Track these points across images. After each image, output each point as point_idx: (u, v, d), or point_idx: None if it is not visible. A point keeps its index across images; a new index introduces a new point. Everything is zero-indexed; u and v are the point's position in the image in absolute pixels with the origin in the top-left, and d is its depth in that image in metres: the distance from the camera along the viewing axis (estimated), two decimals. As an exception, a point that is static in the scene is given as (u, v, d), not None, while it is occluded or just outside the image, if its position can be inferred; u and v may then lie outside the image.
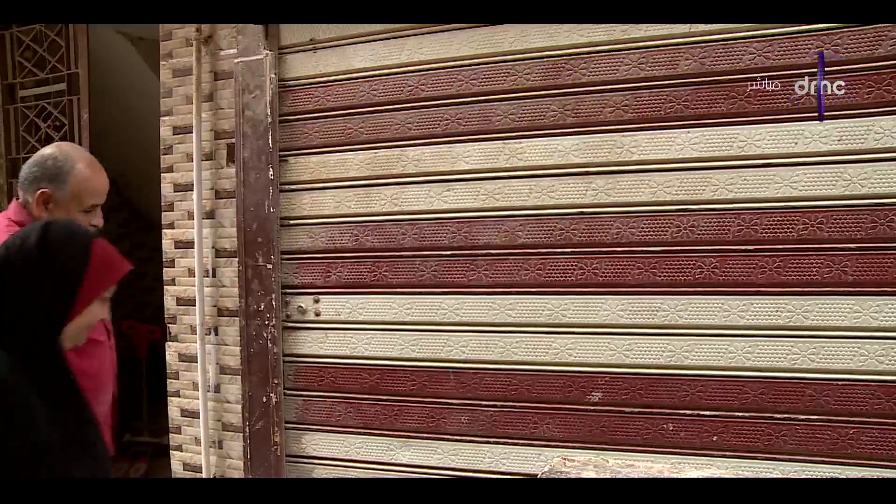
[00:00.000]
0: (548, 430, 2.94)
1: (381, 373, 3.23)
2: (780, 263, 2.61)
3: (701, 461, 2.71)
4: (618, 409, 2.85)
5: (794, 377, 2.62)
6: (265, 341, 3.38)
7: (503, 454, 3.01)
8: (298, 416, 3.41)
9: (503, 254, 3.00)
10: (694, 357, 2.73)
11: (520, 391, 2.99)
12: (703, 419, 2.72)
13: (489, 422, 3.03)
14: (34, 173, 2.28)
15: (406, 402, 3.17)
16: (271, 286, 3.37)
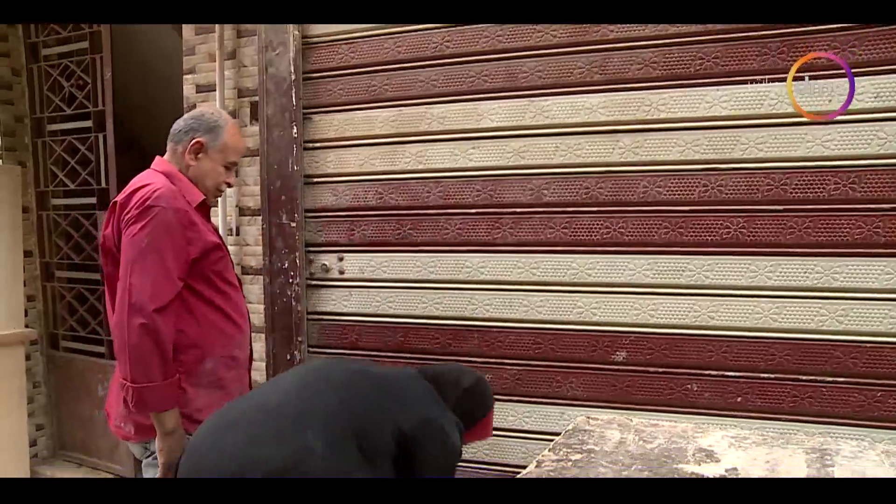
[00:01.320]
0: (571, 389, 2.94)
1: (404, 331, 3.23)
2: (810, 224, 2.57)
3: (725, 422, 2.70)
4: (642, 369, 2.84)
5: (822, 339, 2.59)
6: (289, 299, 3.39)
7: (526, 413, 3.02)
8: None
9: (528, 212, 2.98)
10: (720, 318, 2.71)
11: (544, 350, 2.98)
12: (728, 380, 2.71)
13: (513, 380, 3.03)
14: (190, 125, 2.54)
15: (430, 359, 3.18)
16: (295, 244, 3.37)
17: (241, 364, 2.60)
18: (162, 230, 2.30)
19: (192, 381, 2.42)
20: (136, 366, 2.26)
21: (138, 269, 2.28)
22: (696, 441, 2.16)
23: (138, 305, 2.25)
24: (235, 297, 2.57)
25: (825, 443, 2.12)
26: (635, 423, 2.35)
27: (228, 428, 2.03)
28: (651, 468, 1.90)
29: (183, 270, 2.35)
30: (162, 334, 2.27)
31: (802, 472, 1.85)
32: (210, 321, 2.45)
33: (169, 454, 2.36)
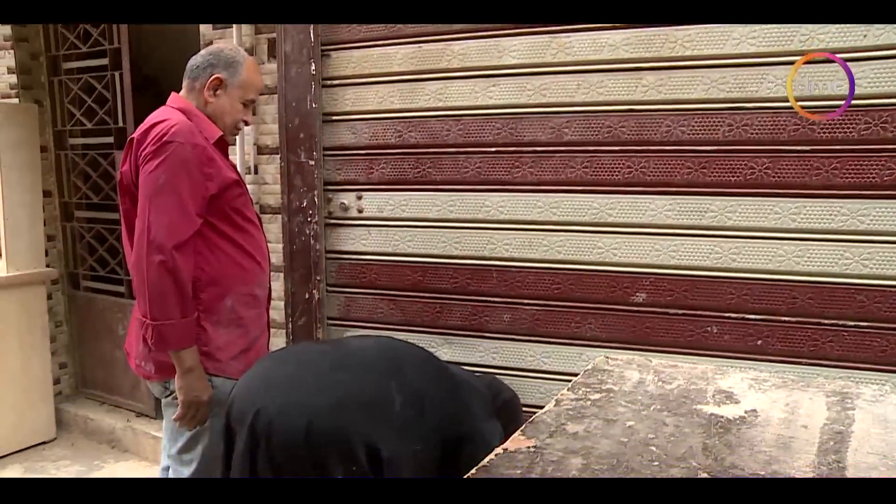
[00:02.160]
0: (590, 330, 2.94)
1: (423, 270, 3.23)
2: (837, 165, 2.52)
3: (744, 365, 2.69)
4: (661, 311, 2.83)
5: (845, 283, 2.56)
6: (307, 238, 3.39)
7: (544, 353, 3.03)
8: (341, 313, 3.45)
9: (549, 151, 2.94)
10: (741, 260, 2.68)
11: (563, 290, 2.98)
12: (748, 323, 2.70)
13: (531, 320, 3.03)
14: (209, 60, 2.54)
15: (448, 299, 3.19)
16: (314, 182, 3.36)
17: (261, 303, 2.61)
18: (179, 166, 2.29)
19: (211, 319, 2.44)
20: (155, 303, 2.28)
21: (156, 206, 2.28)
22: (715, 382, 2.15)
23: (157, 243, 2.26)
24: (256, 235, 2.57)
25: (846, 386, 2.10)
26: (655, 364, 2.34)
27: (301, 364, 2.07)
28: (670, 408, 1.90)
29: (201, 207, 2.35)
30: (181, 272, 2.28)
31: (823, 414, 1.85)
32: (229, 259, 2.46)
33: (188, 392, 2.38)
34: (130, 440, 4.46)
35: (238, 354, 2.52)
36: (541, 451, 1.63)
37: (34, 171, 4.55)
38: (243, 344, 2.52)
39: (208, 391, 2.42)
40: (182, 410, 2.41)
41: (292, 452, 1.92)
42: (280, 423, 1.95)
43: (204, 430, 2.48)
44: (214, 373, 2.46)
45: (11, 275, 4.39)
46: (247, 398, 2.07)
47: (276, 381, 2.06)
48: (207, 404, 2.43)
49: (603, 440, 1.70)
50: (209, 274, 2.42)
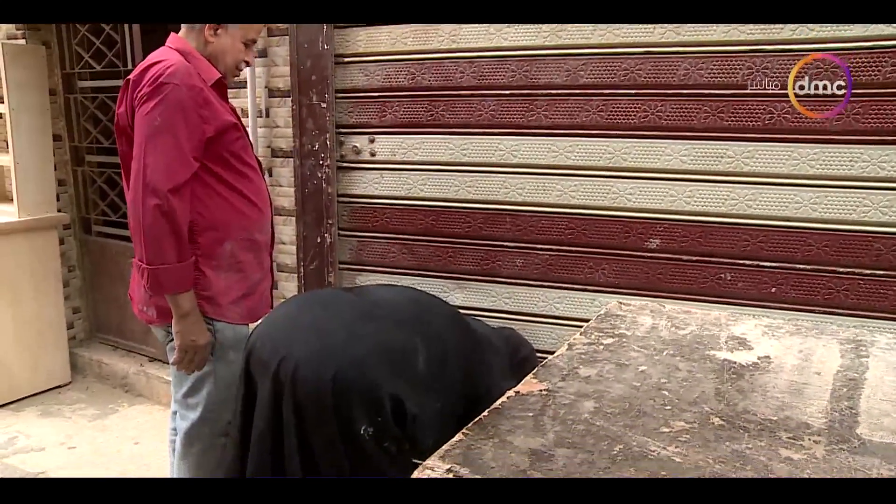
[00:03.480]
0: (603, 276, 2.94)
1: (436, 214, 3.23)
2: (860, 109, 2.48)
3: (758, 311, 2.68)
4: (675, 257, 2.82)
5: (863, 230, 2.54)
6: (319, 181, 3.39)
7: (557, 298, 3.03)
8: (353, 257, 3.47)
9: (564, 94, 2.91)
10: (757, 206, 2.67)
11: (576, 235, 2.97)
12: (763, 270, 2.69)
13: (544, 265, 3.04)
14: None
15: (461, 244, 3.19)
16: (325, 125, 3.34)
17: (261, 247, 2.61)
18: (175, 108, 2.26)
19: (210, 263, 2.44)
20: (151, 247, 2.27)
21: (152, 148, 2.26)
22: (728, 329, 2.15)
23: (152, 186, 2.24)
24: (255, 180, 2.55)
25: (860, 334, 2.11)
26: (668, 310, 2.35)
27: (337, 301, 2.08)
28: (683, 354, 1.91)
29: (198, 150, 2.33)
30: (176, 215, 2.27)
31: (836, 362, 1.85)
32: (227, 203, 2.45)
33: (184, 337, 2.39)
34: (143, 384, 4.53)
35: (238, 299, 2.52)
36: (553, 395, 1.65)
37: (43, 115, 4.54)
38: (243, 289, 2.53)
39: (205, 336, 2.43)
40: (179, 355, 2.43)
41: (318, 401, 1.93)
42: (307, 371, 1.95)
43: (208, 374, 2.50)
44: (214, 317, 2.46)
45: (23, 219, 4.42)
46: (269, 345, 2.08)
47: (302, 327, 2.06)
48: (205, 349, 2.44)
49: (615, 384, 1.71)
50: (207, 219, 2.41)
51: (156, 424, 4.08)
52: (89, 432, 4.00)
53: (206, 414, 2.51)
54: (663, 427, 1.47)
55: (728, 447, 1.38)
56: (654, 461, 1.32)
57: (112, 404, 4.40)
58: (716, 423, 1.49)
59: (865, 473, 1.28)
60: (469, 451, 1.36)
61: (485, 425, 1.47)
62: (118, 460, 3.67)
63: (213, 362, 2.49)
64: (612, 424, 1.48)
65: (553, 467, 1.29)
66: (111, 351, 4.90)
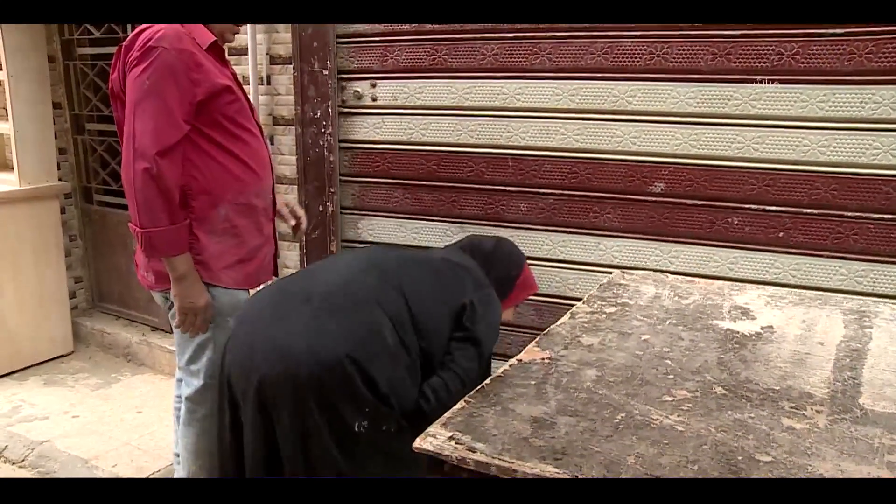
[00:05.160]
0: (608, 221, 2.92)
1: (438, 159, 3.20)
2: (873, 49, 2.42)
3: (765, 256, 2.69)
4: (681, 201, 2.80)
5: (872, 174, 2.50)
6: (321, 150, 3.35)
7: (562, 242, 3.03)
8: (355, 202, 3.46)
9: (568, 37, 2.86)
10: (764, 149, 2.63)
11: (580, 179, 2.95)
12: (770, 214, 2.67)
13: (548, 210, 3.02)
14: None
15: (464, 188, 3.18)
16: (328, 93, 3.30)
17: (260, 212, 2.58)
18: (164, 71, 2.24)
19: (204, 227, 2.43)
20: (143, 210, 2.28)
21: (140, 112, 2.25)
22: (731, 298, 2.14)
23: (141, 150, 2.24)
24: (253, 144, 2.51)
25: (864, 305, 2.09)
26: (671, 279, 2.32)
27: (289, 303, 2.06)
28: (686, 323, 1.89)
29: (188, 113, 2.30)
30: (166, 178, 2.26)
31: (840, 332, 1.84)
32: (221, 166, 2.42)
33: (183, 299, 2.40)
34: (146, 354, 4.55)
35: (234, 264, 2.51)
36: (555, 363, 1.65)
37: (43, 82, 4.47)
38: (239, 254, 2.51)
39: (204, 297, 2.43)
40: (180, 317, 2.44)
41: (305, 418, 1.93)
42: (284, 392, 1.94)
43: (208, 339, 2.51)
44: (209, 281, 2.46)
45: (24, 188, 4.39)
46: (241, 372, 2.06)
47: (262, 343, 2.02)
48: (205, 310, 2.44)
49: (618, 353, 1.71)
50: (200, 182, 2.39)
51: (158, 393, 4.11)
52: (92, 401, 4.03)
53: (208, 380, 2.53)
54: (665, 396, 1.48)
55: (730, 416, 1.39)
56: (657, 429, 1.34)
57: (115, 373, 4.43)
58: (718, 393, 1.49)
59: (868, 443, 1.28)
60: (471, 418, 1.38)
61: (487, 393, 1.49)
62: (122, 428, 3.70)
63: (211, 328, 2.49)
64: (614, 393, 1.50)
65: (555, 435, 1.31)
66: (113, 320, 4.91)
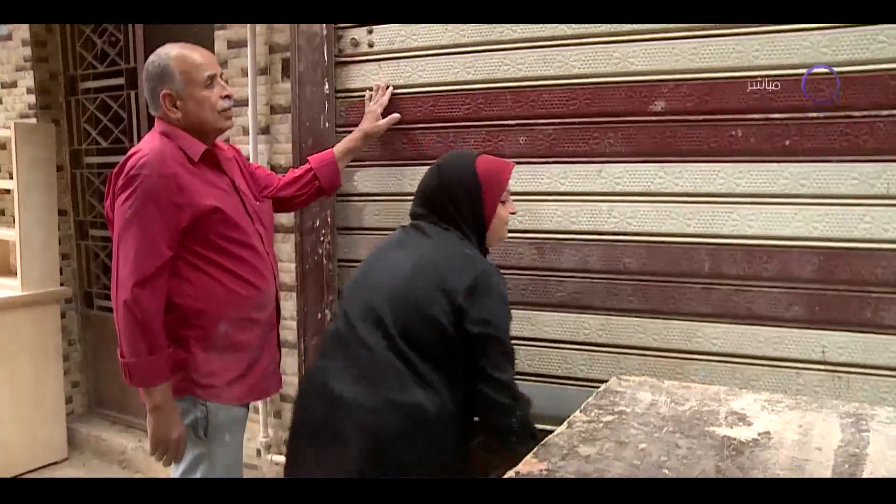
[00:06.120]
0: (609, 146, 2.80)
1: (435, 99, 3.10)
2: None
3: (772, 167, 2.54)
4: (682, 118, 2.65)
5: (880, 69, 2.32)
6: (320, 257, 3.39)
7: (562, 174, 2.89)
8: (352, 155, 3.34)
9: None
10: (765, 56, 2.47)
11: (579, 106, 2.82)
12: (774, 123, 2.50)
13: (548, 141, 2.90)
14: (150, 88, 2.48)
15: (462, 127, 3.06)
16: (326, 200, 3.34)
17: (262, 324, 2.58)
18: (146, 199, 2.28)
19: (204, 345, 2.43)
20: (123, 339, 2.32)
21: (123, 242, 2.30)
22: (728, 403, 2.15)
23: (121, 281, 2.28)
24: (250, 258, 2.50)
25: (860, 408, 2.10)
26: (667, 385, 2.34)
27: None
28: (683, 430, 1.90)
29: (173, 238, 2.32)
30: (144, 309, 2.28)
31: (836, 436, 1.84)
32: (219, 284, 2.43)
33: (156, 430, 2.42)
34: (141, 460, 4.55)
35: (234, 380, 2.50)
36: (553, 475, 1.63)
37: (50, 191, 4.66)
38: (240, 369, 2.51)
39: (177, 430, 2.44)
40: (151, 446, 2.47)
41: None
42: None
43: (202, 456, 2.52)
44: (208, 398, 2.47)
45: (26, 294, 4.48)
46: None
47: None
48: (178, 443, 2.45)
49: (615, 462, 1.70)
50: (198, 301, 2.40)
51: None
52: (82, 510, 3.95)
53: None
54: (664, 506, 1.45)
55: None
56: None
57: (108, 481, 4.37)
58: (717, 502, 1.48)
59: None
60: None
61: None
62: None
63: (207, 444, 2.50)
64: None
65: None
66: (110, 426, 4.93)
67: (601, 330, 2.83)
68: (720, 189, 2.62)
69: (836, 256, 2.49)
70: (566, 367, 2.90)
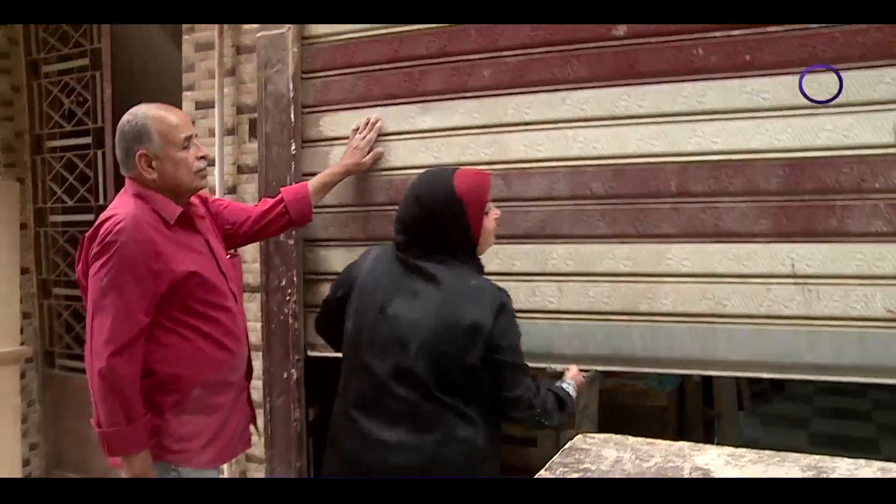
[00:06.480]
0: (573, 72, 2.80)
1: (399, 40, 3.08)
2: None
3: (734, 83, 2.56)
4: (644, 41, 2.68)
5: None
6: (286, 317, 3.39)
7: (527, 104, 2.88)
8: (317, 99, 3.31)
9: None
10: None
11: (541, 35, 2.82)
12: (735, 39, 2.55)
13: (513, 71, 2.90)
14: (123, 147, 2.44)
15: (427, 64, 3.04)
16: (292, 262, 3.35)
17: (235, 387, 2.56)
18: (123, 266, 2.25)
19: (176, 410, 2.39)
20: (100, 409, 2.28)
21: (98, 310, 2.27)
22: (692, 459, 2.16)
23: (96, 350, 2.25)
24: (226, 321, 2.49)
25: (821, 461, 2.13)
26: (631, 443, 2.36)
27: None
28: (647, 487, 1.90)
29: (150, 305, 2.30)
30: (120, 377, 2.24)
31: (797, 491, 1.85)
32: (194, 348, 2.40)
33: None
34: (102, 523, 4.36)
35: (206, 444, 2.46)
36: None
37: (13, 249, 4.60)
38: (211, 433, 2.47)
39: None
40: None
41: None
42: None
43: None
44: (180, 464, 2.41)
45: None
46: None
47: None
48: None
49: (581, 521, 1.69)
50: (175, 367, 2.37)
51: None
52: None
53: None
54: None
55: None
56: None
57: (65, 546, 4.23)
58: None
59: None
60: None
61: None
62: None
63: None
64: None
65: None
66: (69, 489, 4.74)
67: (569, 259, 2.79)
68: (683, 108, 2.64)
69: (800, 167, 2.50)
70: (534, 299, 2.87)
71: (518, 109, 2.91)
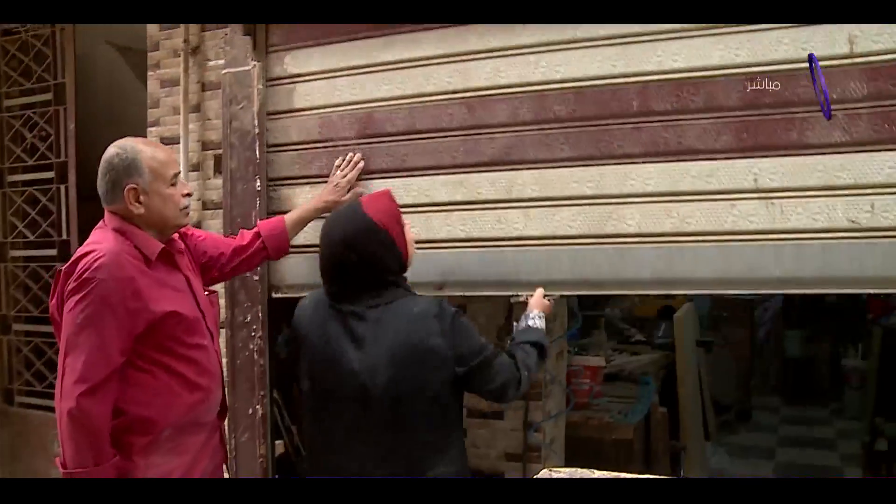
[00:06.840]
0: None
1: None
2: None
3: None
4: None
5: None
6: (251, 353, 3.36)
7: (488, 32, 2.81)
8: (281, 39, 3.23)
9: None
10: None
11: None
12: None
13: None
14: (112, 180, 2.38)
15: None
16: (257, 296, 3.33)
17: (209, 427, 2.50)
18: (100, 304, 2.18)
19: (144, 452, 2.30)
20: (67, 449, 2.18)
21: (71, 347, 2.19)
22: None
23: (66, 389, 2.16)
24: (200, 358, 2.42)
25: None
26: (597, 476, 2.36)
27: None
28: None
29: (125, 344, 2.23)
30: (90, 418, 2.16)
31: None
32: (168, 390, 2.33)
33: None
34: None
35: None
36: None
37: (-28, 285, 4.50)
38: (180, 474, 2.36)
39: None
40: None
41: None
42: None
43: None
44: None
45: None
46: None
47: None
48: None
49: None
50: (147, 409, 2.29)
51: None
52: None
53: None
54: None
55: None
56: None
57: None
58: None
59: None
60: None
61: None
62: None
63: None
64: None
65: None
66: (27, 528, 4.64)
67: (534, 184, 2.75)
68: (644, 28, 2.60)
69: (759, 81, 2.48)
70: (500, 227, 2.82)
71: (480, 38, 2.86)
